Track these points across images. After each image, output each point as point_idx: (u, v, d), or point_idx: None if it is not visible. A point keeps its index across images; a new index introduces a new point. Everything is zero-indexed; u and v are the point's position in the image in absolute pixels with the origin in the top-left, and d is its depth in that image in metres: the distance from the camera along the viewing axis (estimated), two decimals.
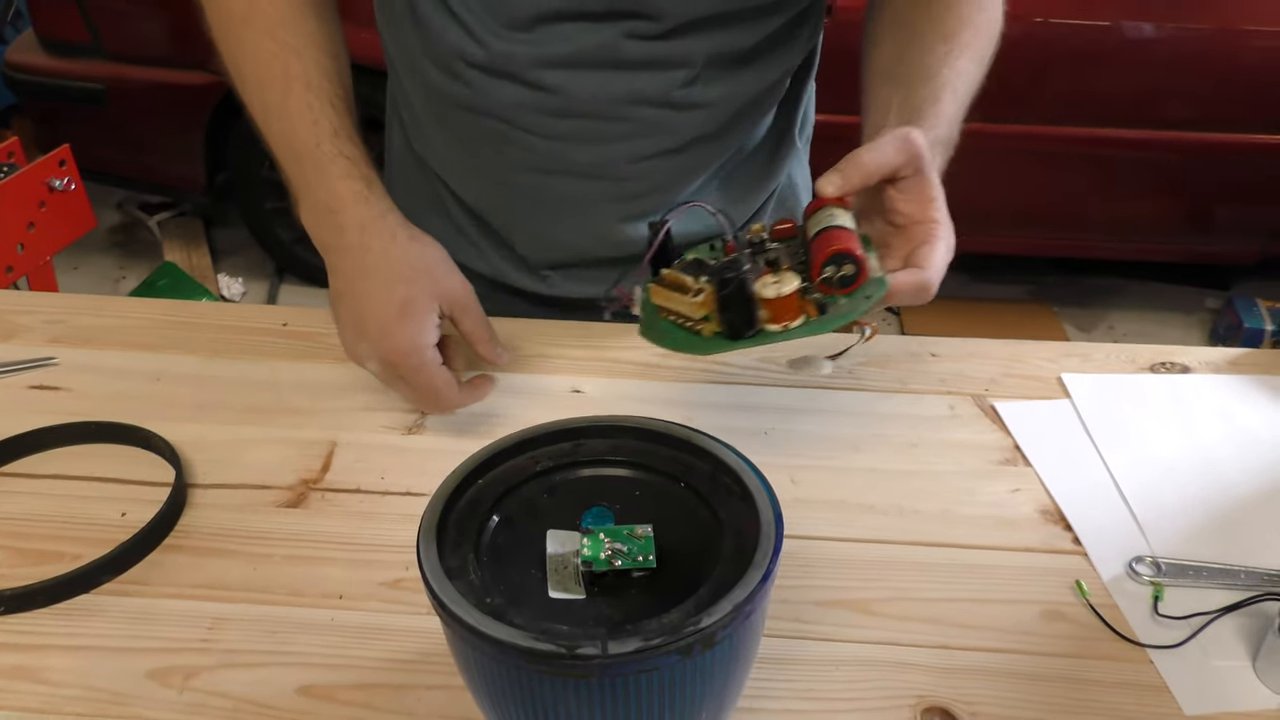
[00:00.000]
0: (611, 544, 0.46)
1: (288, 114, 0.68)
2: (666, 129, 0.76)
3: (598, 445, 0.52)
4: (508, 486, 0.50)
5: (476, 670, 0.43)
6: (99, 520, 0.62)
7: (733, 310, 0.55)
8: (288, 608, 0.57)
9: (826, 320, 0.56)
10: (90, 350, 0.77)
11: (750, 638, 0.45)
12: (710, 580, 0.43)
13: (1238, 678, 0.53)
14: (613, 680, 0.40)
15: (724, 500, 0.48)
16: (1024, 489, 0.66)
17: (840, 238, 0.56)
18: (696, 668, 0.42)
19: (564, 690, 0.41)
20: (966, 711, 0.52)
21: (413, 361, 0.66)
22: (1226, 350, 0.80)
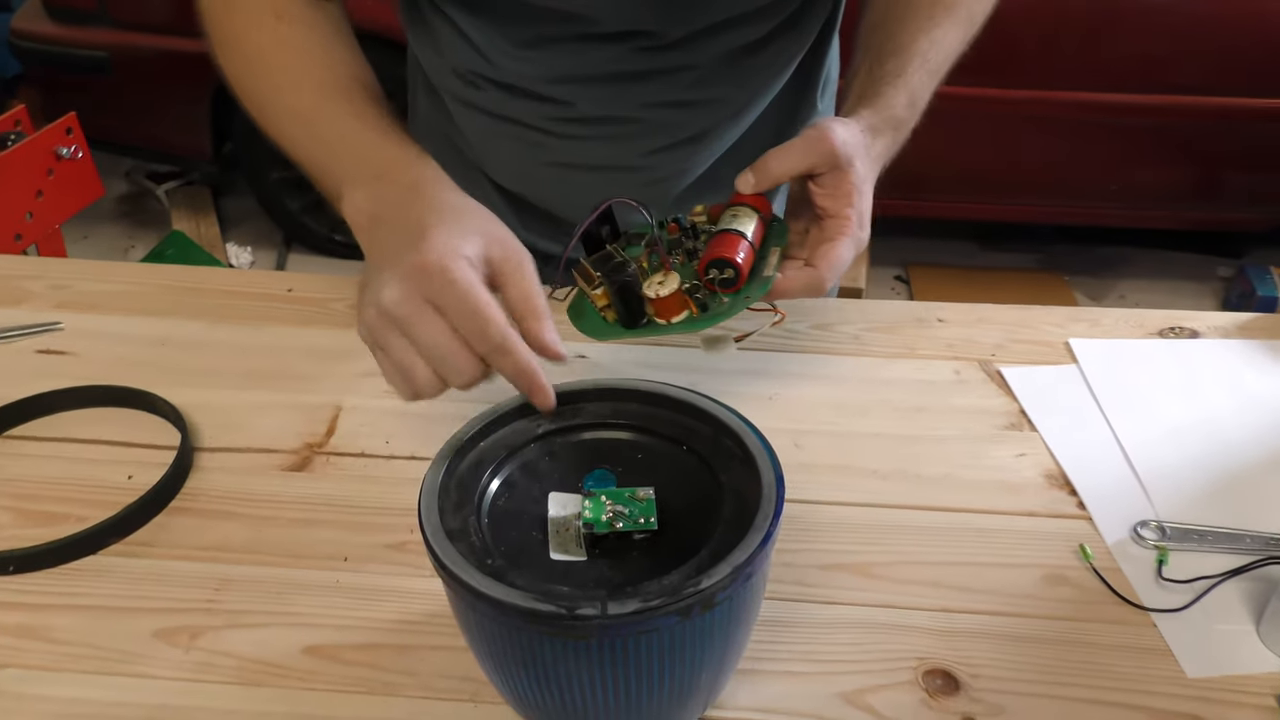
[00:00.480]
0: (613, 506, 0.46)
1: (325, 114, 0.62)
2: (680, 124, 0.77)
3: (600, 408, 0.52)
4: (510, 449, 0.50)
5: (478, 631, 0.44)
6: (105, 483, 0.63)
7: (624, 305, 0.61)
8: (292, 569, 0.57)
9: (707, 318, 0.61)
10: (96, 315, 0.77)
11: (750, 600, 0.45)
12: (711, 543, 0.44)
13: (1241, 641, 0.53)
14: (612, 641, 0.41)
15: (726, 463, 0.48)
16: (1029, 454, 0.66)
17: (725, 244, 0.60)
18: (696, 629, 0.42)
19: (564, 651, 0.41)
20: (968, 673, 0.52)
21: (447, 263, 0.48)
22: (1236, 315, 0.79)
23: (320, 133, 0.62)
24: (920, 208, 2.43)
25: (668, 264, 0.62)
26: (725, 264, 0.59)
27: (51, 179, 1.73)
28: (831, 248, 0.61)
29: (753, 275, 0.62)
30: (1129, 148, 2.30)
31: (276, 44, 0.64)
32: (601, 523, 0.45)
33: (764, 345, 0.76)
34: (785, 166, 0.61)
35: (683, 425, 0.50)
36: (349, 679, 0.51)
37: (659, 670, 0.42)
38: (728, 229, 0.62)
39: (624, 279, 0.60)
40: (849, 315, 0.79)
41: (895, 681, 0.52)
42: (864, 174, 0.62)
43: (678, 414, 0.51)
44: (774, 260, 0.63)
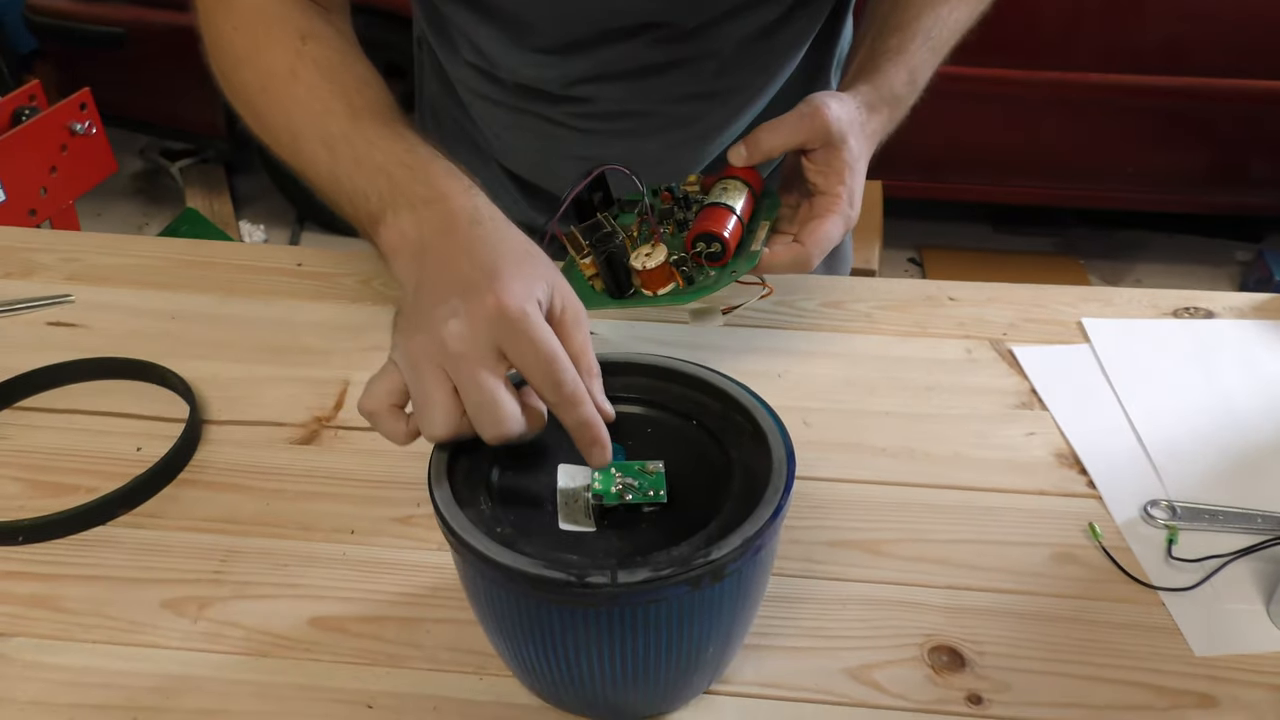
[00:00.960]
0: (623, 479, 0.46)
1: (361, 136, 0.57)
2: (699, 115, 0.76)
3: (612, 382, 0.52)
4: None
5: (486, 599, 0.44)
6: (114, 454, 0.63)
7: (611, 275, 0.61)
8: (299, 542, 0.57)
9: (693, 290, 0.61)
10: (106, 288, 0.77)
11: (759, 573, 0.45)
12: (721, 516, 0.43)
13: (1250, 621, 0.53)
14: (621, 610, 0.41)
15: (736, 438, 0.48)
16: (1039, 433, 0.65)
17: (713, 218, 0.61)
18: (705, 600, 0.42)
19: (572, 619, 0.41)
20: (974, 651, 0.52)
21: (527, 307, 0.45)
22: (1252, 295, 0.78)
23: (359, 155, 0.56)
24: (935, 190, 2.42)
25: (657, 235, 0.62)
26: (712, 238, 0.60)
27: (65, 154, 1.73)
28: (819, 225, 0.62)
29: (740, 249, 0.62)
30: (1147, 130, 2.28)
31: (303, 64, 0.60)
32: (611, 494, 0.45)
33: (774, 322, 0.75)
34: (777, 141, 0.61)
35: (693, 400, 0.50)
36: (355, 650, 0.52)
37: (666, 641, 0.42)
38: (717, 202, 0.62)
39: (611, 249, 0.60)
40: (860, 293, 0.79)
41: (901, 658, 0.52)
42: (857, 151, 0.62)
43: (689, 389, 0.51)
44: (762, 235, 0.63)
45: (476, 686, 0.50)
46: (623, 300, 0.63)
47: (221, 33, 0.63)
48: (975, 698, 0.50)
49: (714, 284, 0.61)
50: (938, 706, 0.49)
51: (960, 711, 0.49)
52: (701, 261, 0.61)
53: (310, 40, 0.61)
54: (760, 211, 0.65)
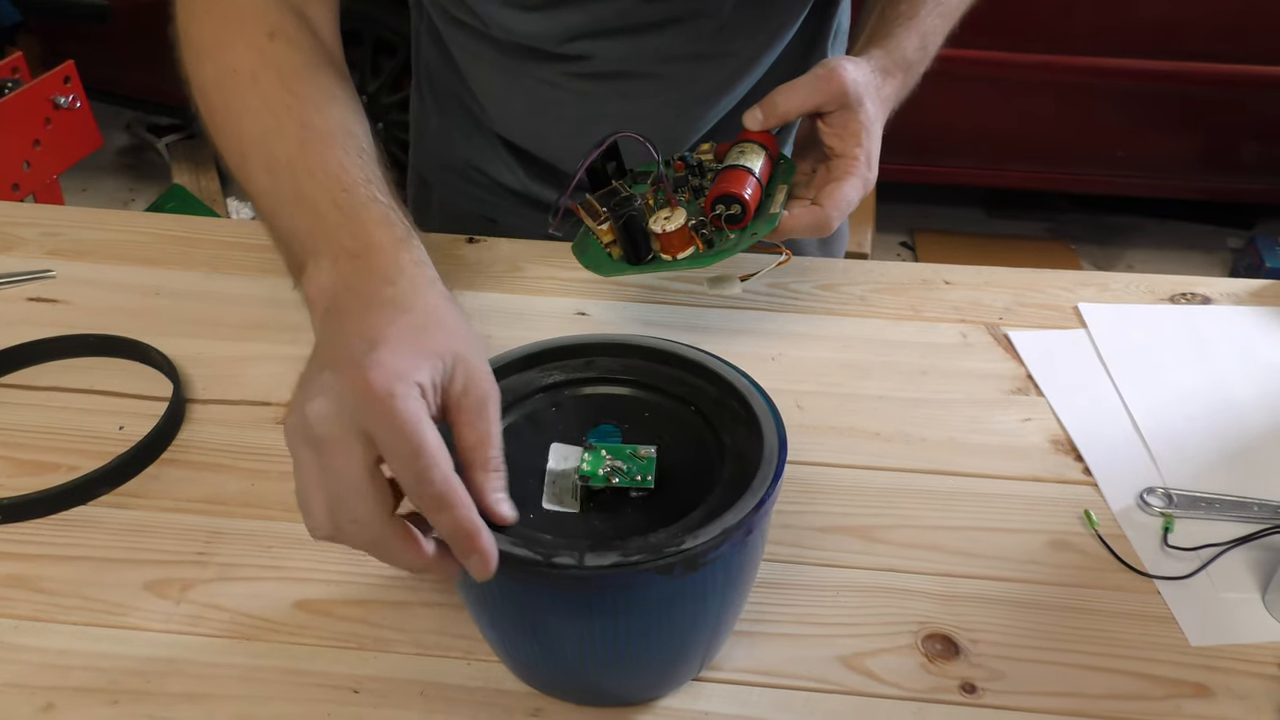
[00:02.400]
0: (612, 461, 0.45)
1: (304, 166, 0.51)
2: (697, 77, 0.75)
3: (609, 363, 0.51)
4: (516, 397, 0.49)
5: (466, 580, 0.43)
6: (96, 433, 0.62)
7: (630, 240, 0.61)
8: (285, 523, 0.57)
9: (713, 254, 0.61)
10: (88, 263, 0.76)
11: (743, 564, 0.44)
12: (706, 504, 0.43)
13: (1245, 610, 0.53)
14: (589, 595, 0.40)
15: (729, 425, 0.47)
16: (1035, 418, 0.65)
17: (732, 180, 0.61)
18: (681, 589, 0.41)
19: (547, 601, 0.41)
20: (968, 639, 0.51)
21: (394, 388, 0.38)
22: (1249, 281, 0.78)
23: (298, 187, 0.51)
24: (928, 173, 2.41)
25: (674, 200, 0.61)
26: (732, 199, 0.60)
27: (49, 128, 1.70)
28: (837, 187, 0.61)
29: (759, 212, 0.61)
30: (1142, 115, 2.27)
31: (265, 68, 0.55)
32: (598, 476, 0.45)
33: (768, 305, 0.74)
34: (793, 104, 0.61)
35: (690, 384, 0.50)
36: (341, 634, 0.51)
37: (642, 627, 0.42)
38: (735, 165, 0.61)
39: (630, 213, 0.60)
40: (855, 276, 0.78)
41: (894, 646, 0.51)
42: (873, 114, 0.62)
43: (685, 372, 0.50)
44: (780, 198, 0.63)
45: (464, 671, 0.49)
46: (641, 266, 0.62)
47: (192, 17, 0.59)
48: (969, 686, 0.49)
49: (734, 246, 0.61)
50: (931, 695, 0.49)
51: (954, 700, 0.49)
52: (720, 224, 0.61)
53: (278, 39, 0.56)
54: (777, 175, 0.65)
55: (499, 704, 0.48)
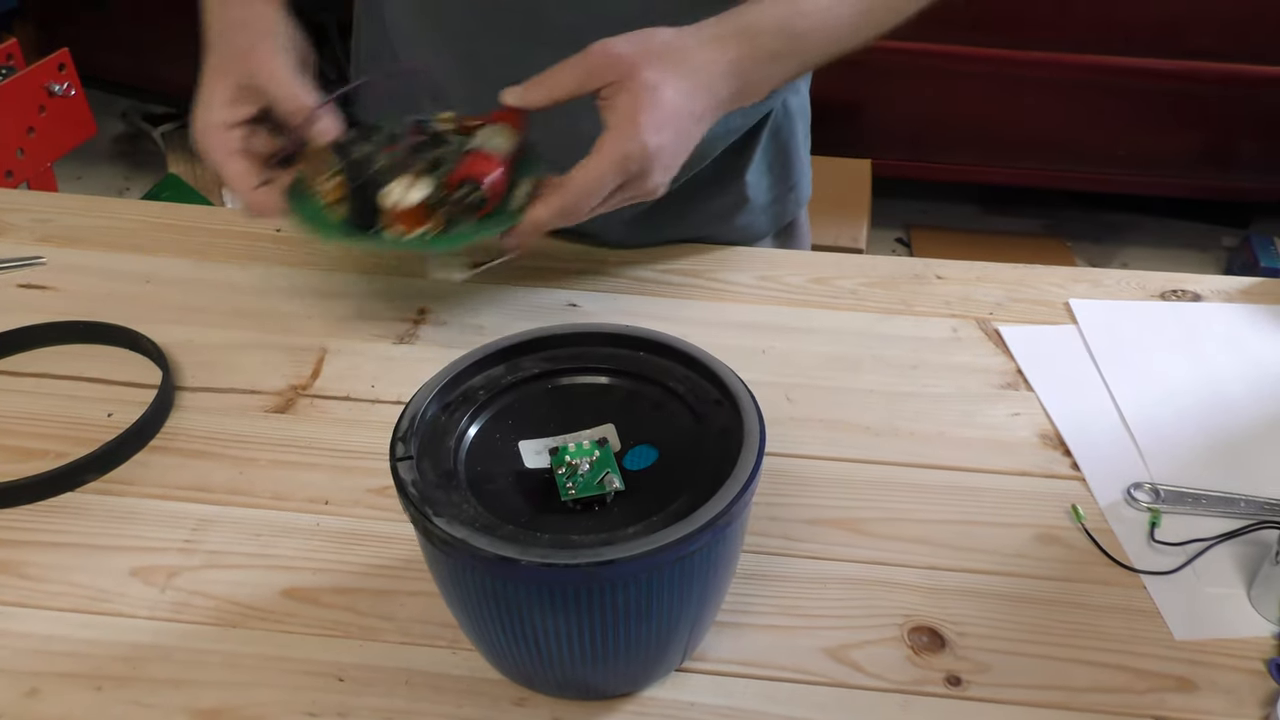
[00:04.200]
0: (580, 463, 0.45)
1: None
2: None
3: (598, 352, 0.50)
4: (493, 392, 0.49)
5: (446, 576, 0.43)
6: (85, 419, 0.62)
7: (357, 205, 0.56)
8: (272, 511, 0.57)
9: (446, 238, 0.56)
10: (79, 250, 0.76)
11: (724, 555, 0.44)
12: (679, 501, 0.42)
13: (1230, 605, 0.53)
14: (568, 589, 0.40)
15: (710, 411, 0.47)
16: (1024, 413, 0.65)
17: (480, 163, 0.56)
18: (660, 582, 0.41)
19: (524, 596, 0.41)
20: (954, 631, 0.51)
21: (200, 140, 0.61)
22: (1239, 279, 0.78)
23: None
24: (923, 169, 2.41)
25: (412, 171, 0.57)
26: (476, 185, 0.55)
27: (43, 116, 1.70)
28: (583, 164, 0.56)
29: (501, 204, 0.57)
30: (1139, 112, 2.27)
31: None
32: (565, 491, 0.44)
33: (759, 298, 0.74)
34: (559, 81, 0.57)
35: (669, 370, 0.49)
36: (327, 622, 0.51)
37: (622, 622, 0.42)
38: (484, 148, 0.57)
39: (367, 177, 0.55)
40: (846, 270, 0.78)
41: (880, 638, 0.51)
42: (653, 80, 0.56)
43: (665, 359, 0.50)
44: (522, 193, 0.58)
45: (449, 660, 0.49)
46: (361, 237, 0.57)
47: None
48: (954, 679, 0.49)
49: (468, 235, 0.57)
50: (916, 687, 0.49)
51: (939, 692, 0.49)
52: (459, 208, 0.57)
53: None
54: (523, 166, 0.60)
55: (484, 692, 0.48)
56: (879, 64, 1.78)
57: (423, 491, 0.42)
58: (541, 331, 0.50)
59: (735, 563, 0.46)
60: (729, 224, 0.81)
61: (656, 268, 0.77)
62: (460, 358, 0.49)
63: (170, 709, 0.47)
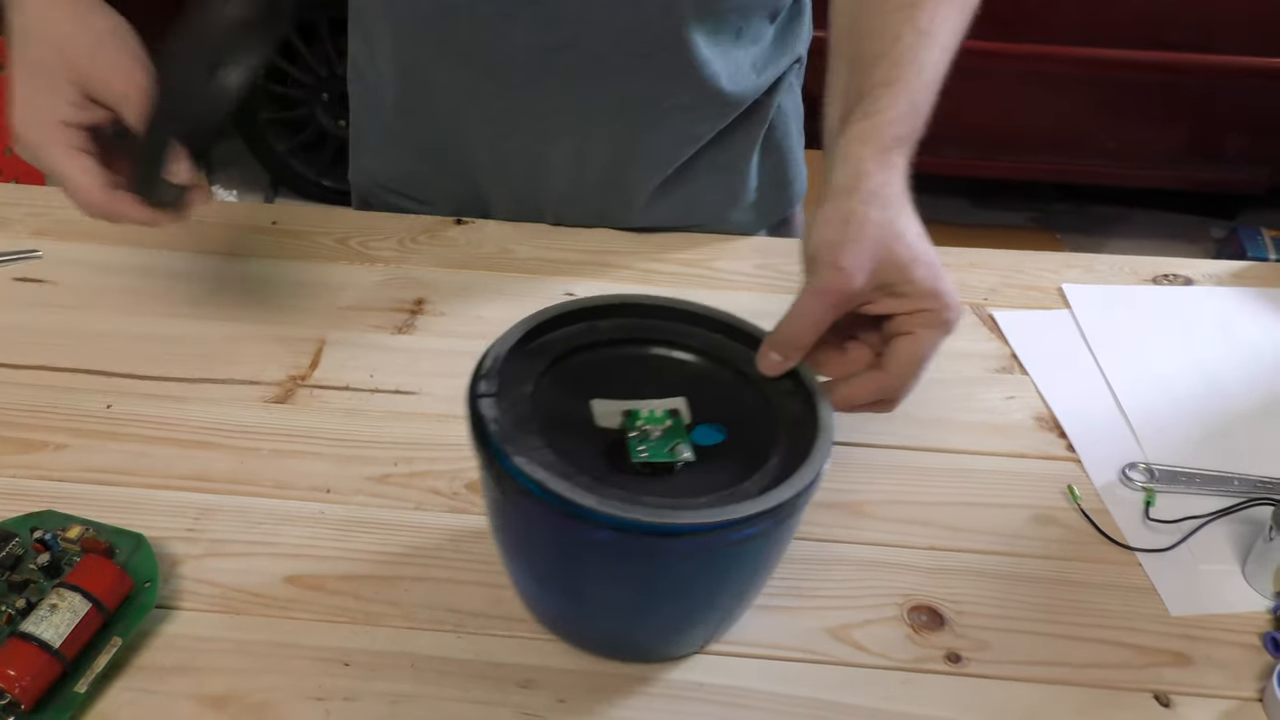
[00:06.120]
0: (653, 430, 0.45)
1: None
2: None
3: (675, 327, 0.51)
4: (569, 348, 0.49)
5: (509, 511, 0.44)
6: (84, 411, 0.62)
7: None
8: (275, 500, 0.57)
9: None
10: (75, 244, 0.76)
11: (776, 542, 0.45)
12: (754, 477, 0.43)
13: (1224, 581, 0.53)
14: (638, 548, 0.40)
15: (783, 400, 0.48)
16: (1019, 396, 0.65)
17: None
18: (717, 557, 0.42)
19: (594, 550, 0.41)
20: (953, 610, 0.52)
21: (33, 135, 0.54)
22: (1230, 263, 0.79)
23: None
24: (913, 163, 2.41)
25: None
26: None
27: None
28: (902, 344, 0.48)
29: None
30: (1127, 105, 2.28)
31: None
32: (636, 453, 0.44)
33: (758, 286, 0.75)
34: (806, 329, 0.48)
35: (745, 355, 0.49)
36: (331, 608, 0.51)
37: (674, 585, 0.43)
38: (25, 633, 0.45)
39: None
40: None
41: (881, 617, 0.52)
42: (909, 254, 0.48)
43: (740, 344, 0.50)
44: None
45: (454, 644, 0.50)
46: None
47: None
48: (954, 656, 0.50)
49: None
50: (917, 665, 0.49)
51: (939, 670, 0.49)
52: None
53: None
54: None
55: (490, 676, 0.48)
56: None
57: (502, 430, 0.42)
58: (624, 298, 0.51)
59: (783, 552, 0.47)
60: (722, 219, 0.81)
61: (654, 257, 0.77)
62: (542, 310, 0.49)
63: (176, 696, 0.47)
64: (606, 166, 0.76)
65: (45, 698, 0.45)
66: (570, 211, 0.80)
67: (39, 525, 0.51)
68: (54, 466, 0.58)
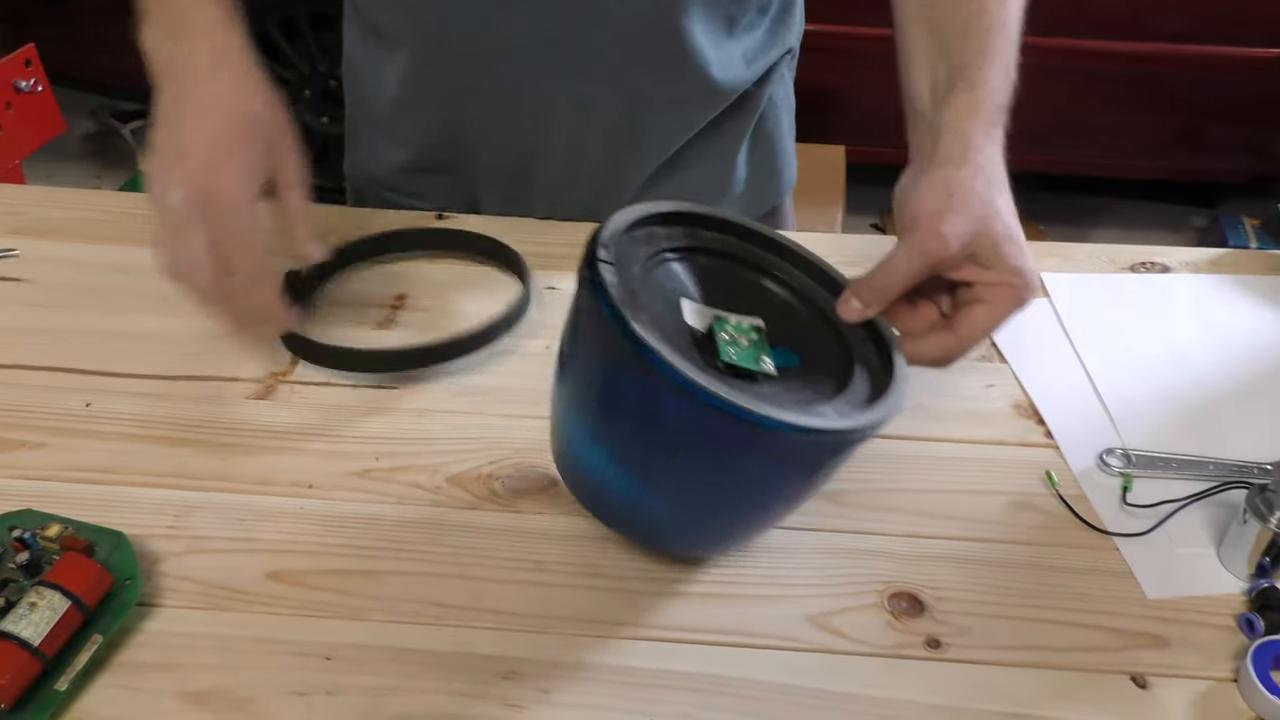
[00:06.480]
0: (745, 339, 0.49)
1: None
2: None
3: (770, 259, 0.55)
4: (685, 245, 0.52)
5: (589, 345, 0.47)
6: (63, 410, 0.61)
7: None
8: (256, 496, 0.57)
9: None
10: (53, 242, 0.75)
11: (832, 459, 0.48)
12: (845, 393, 0.47)
13: (1200, 564, 0.54)
14: (706, 420, 0.42)
15: (858, 341, 0.52)
16: (998, 384, 0.66)
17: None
18: (793, 462, 0.46)
19: (675, 411, 0.43)
20: (933, 596, 0.52)
21: (230, 204, 0.53)
22: (1207, 250, 0.79)
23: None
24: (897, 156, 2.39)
25: None
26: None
27: (10, 112, 1.69)
28: (971, 311, 0.52)
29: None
30: (1109, 96, 2.29)
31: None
32: (724, 354, 0.47)
33: None
34: (896, 281, 0.51)
35: (825, 299, 0.53)
36: (314, 603, 0.51)
37: (744, 479, 0.46)
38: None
39: None
40: (823, 249, 0.78)
41: (861, 604, 0.52)
42: (1004, 231, 0.51)
43: (827, 290, 0.54)
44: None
45: (437, 637, 0.50)
46: None
47: None
48: (934, 642, 0.50)
49: None
50: (897, 651, 0.50)
51: (919, 655, 0.50)
52: None
53: None
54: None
55: (473, 668, 0.48)
56: (852, 52, 1.79)
57: (621, 295, 0.43)
58: (727, 215, 0.54)
59: (827, 478, 0.50)
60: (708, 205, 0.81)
61: None
62: (651, 202, 0.52)
63: (158, 692, 0.47)
64: (601, 158, 0.77)
65: (25, 696, 0.45)
66: (562, 204, 0.80)
67: (17, 524, 0.51)
68: (32, 465, 0.58)
